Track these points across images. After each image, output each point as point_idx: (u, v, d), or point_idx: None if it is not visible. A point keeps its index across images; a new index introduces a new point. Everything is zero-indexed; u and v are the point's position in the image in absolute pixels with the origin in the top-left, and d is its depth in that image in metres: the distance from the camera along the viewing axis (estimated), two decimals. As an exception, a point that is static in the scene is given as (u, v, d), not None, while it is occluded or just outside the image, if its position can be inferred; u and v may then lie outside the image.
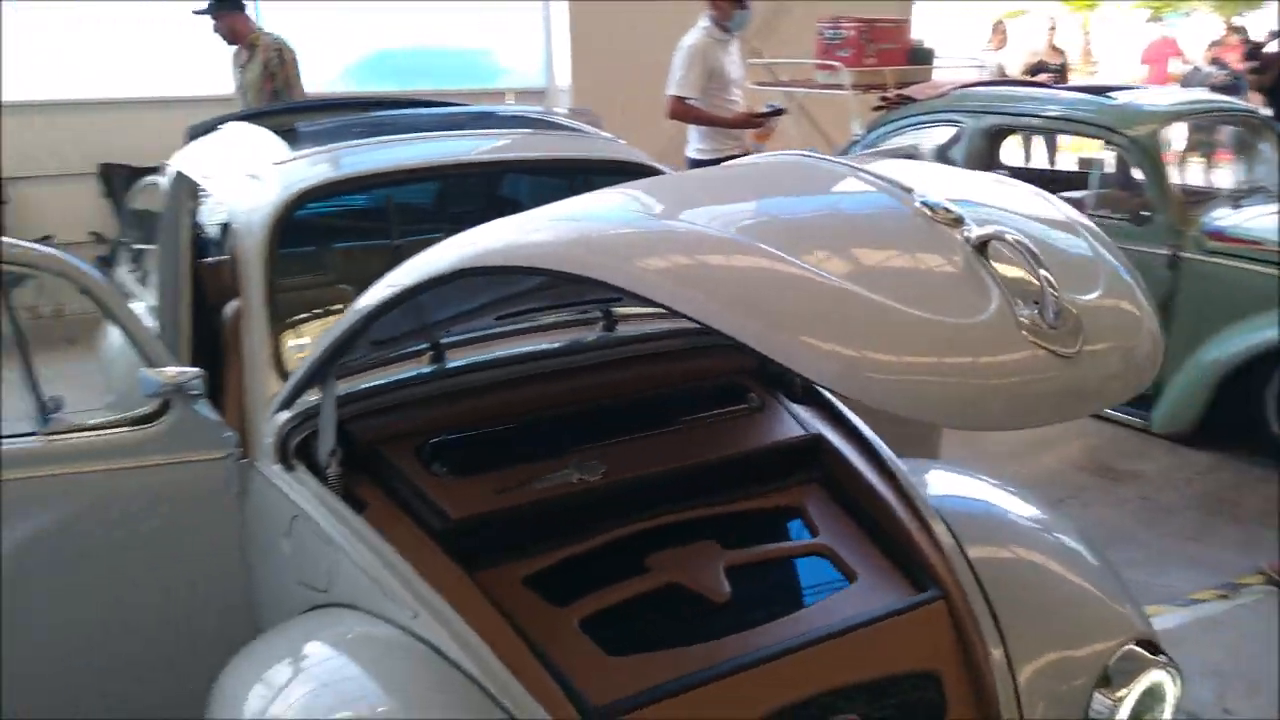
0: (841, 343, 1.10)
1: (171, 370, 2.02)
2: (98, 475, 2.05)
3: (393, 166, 2.45)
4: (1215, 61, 10.73)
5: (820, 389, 2.29)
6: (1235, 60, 10.40)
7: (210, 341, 2.52)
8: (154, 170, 4.18)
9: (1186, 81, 10.72)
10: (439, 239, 1.53)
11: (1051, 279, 1.10)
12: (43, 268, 2.08)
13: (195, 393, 2.04)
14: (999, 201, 1.36)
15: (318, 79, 7.20)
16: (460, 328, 2.14)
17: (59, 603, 2.06)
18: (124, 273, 3.69)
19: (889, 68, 6.49)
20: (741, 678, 1.60)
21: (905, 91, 5.79)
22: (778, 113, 5.44)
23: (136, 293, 3.35)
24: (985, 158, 5.13)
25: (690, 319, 1.17)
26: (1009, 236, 1.14)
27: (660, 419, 2.12)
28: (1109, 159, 5.16)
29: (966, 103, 5.25)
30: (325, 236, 2.96)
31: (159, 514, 2.08)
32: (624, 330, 2.35)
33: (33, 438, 2.04)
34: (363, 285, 1.68)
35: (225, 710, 1.64)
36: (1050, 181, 5.33)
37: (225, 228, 3.49)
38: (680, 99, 5.09)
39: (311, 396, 2.00)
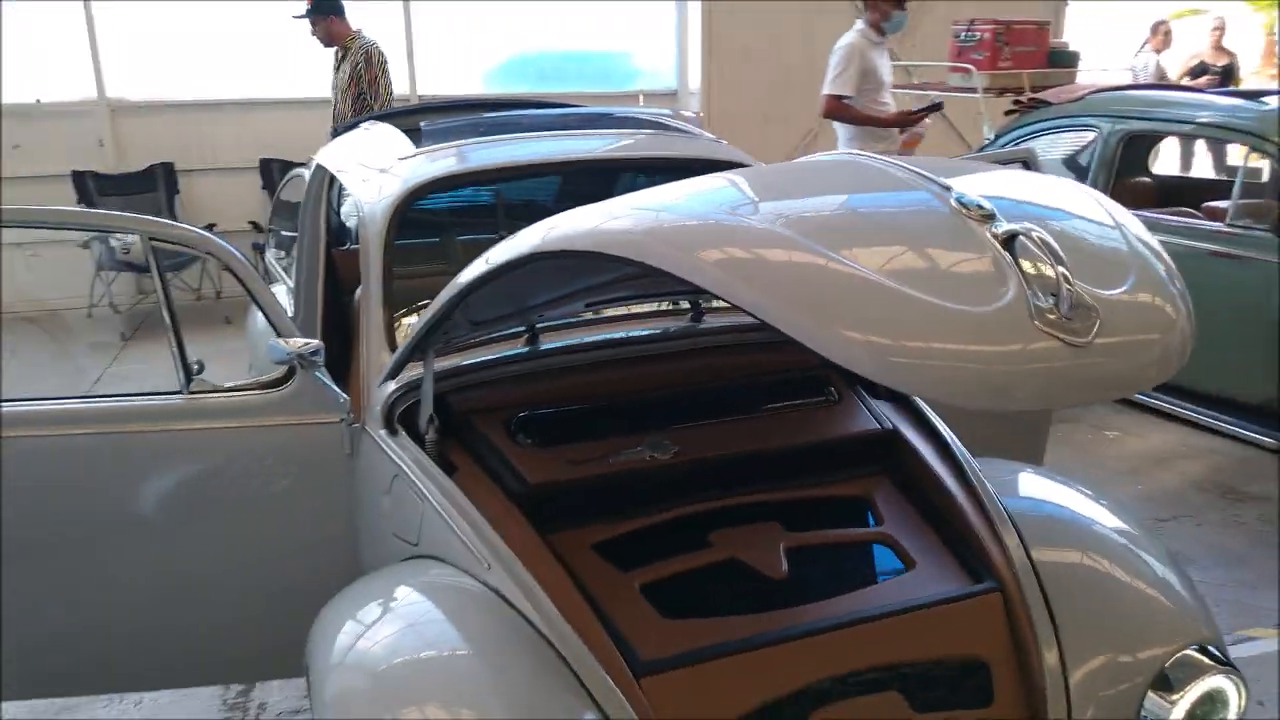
0: (874, 333, 1.18)
1: (297, 341, 2.24)
2: (230, 432, 2.29)
3: (505, 163, 2.63)
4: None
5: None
6: None
7: (342, 322, 2.77)
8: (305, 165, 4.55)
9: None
10: None
11: (1068, 273, 1.15)
12: (193, 246, 2.33)
13: (316, 362, 2.25)
14: (1040, 199, 1.41)
15: (461, 82, 7.59)
16: (555, 313, 2.29)
17: (193, 545, 2.31)
18: (272, 258, 4.01)
19: (1026, 70, 6.34)
20: (787, 647, 1.68)
21: (1039, 95, 5.67)
22: (935, 108, 5.48)
23: (281, 277, 3.65)
24: (1120, 163, 4.98)
25: (743, 310, 1.27)
26: (1034, 233, 1.19)
27: (737, 407, 2.22)
28: (1264, 168, 4.94)
29: (1101, 107, 5.10)
30: (443, 228, 3.18)
31: (281, 469, 2.31)
32: (710, 322, 2.46)
33: (177, 396, 2.30)
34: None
35: (322, 644, 1.83)
36: (1192, 190, 5.16)
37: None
38: (837, 98, 5.20)
39: (416, 370, 2.18)
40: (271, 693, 2.73)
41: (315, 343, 2.26)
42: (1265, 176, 4.93)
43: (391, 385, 2.23)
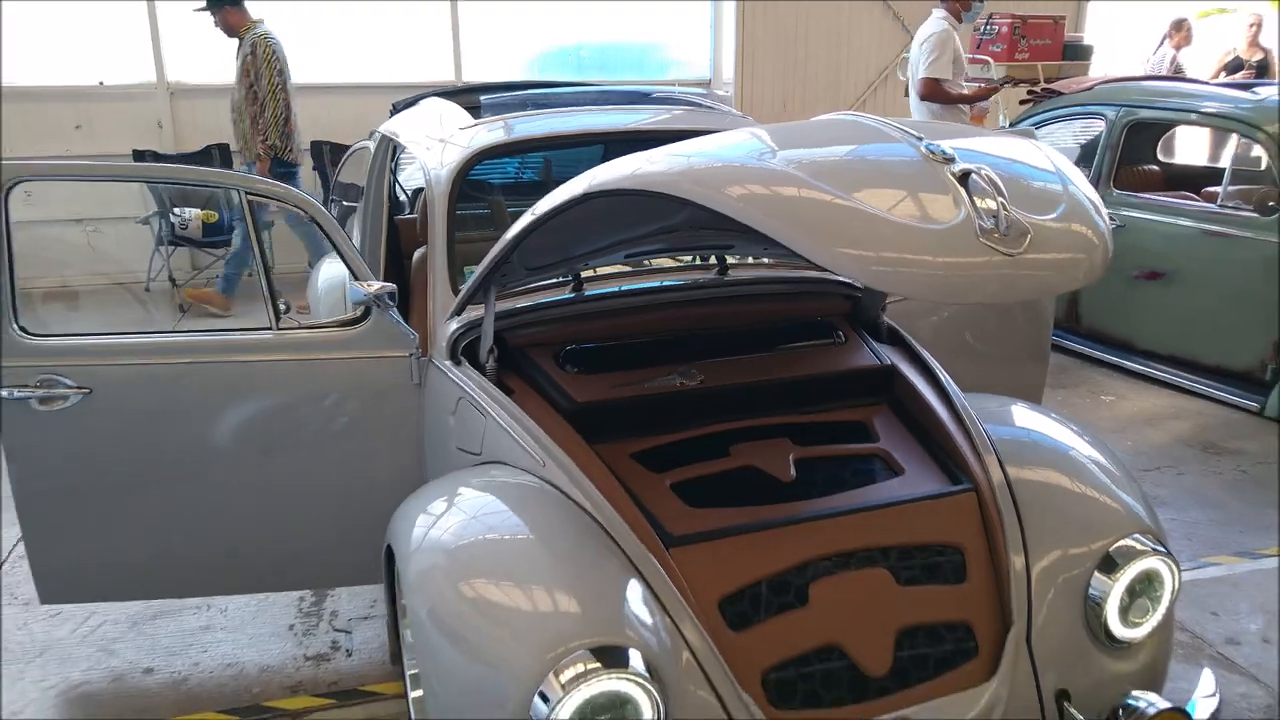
0: (861, 249, 1.51)
1: (374, 284, 2.60)
2: (313, 363, 2.65)
3: (554, 133, 2.99)
4: None
5: (900, 331, 2.68)
6: None
7: (400, 280, 3.13)
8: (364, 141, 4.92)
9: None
10: None
11: (1006, 202, 1.48)
12: (284, 199, 2.69)
13: (390, 303, 2.61)
14: (994, 151, 1.72)
15: (504, 72, 7.94)
16: (597, 262, 2.63)
17: (278, 463, 2.67)
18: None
19: (1041, 62, 6.62)
20: (791, 530, 2.02)
21: (1052, 85, 5.95)
22: (1005, 81, 6.03)
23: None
24: (1124, 148, 5.26)
25: (760, 233, 1.59)
26: (983, 172, 1.52)
27: (755, 345, 2.56)
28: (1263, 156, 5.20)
29: (1108, 97, 5.39)
30: (493, 201, 3.54)
31: (357, 396, 2.66)
32: (735, 274, 2.81)
33: (268, 331, 2.66)
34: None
35: (400, 534, 2.17)
36: (1200, 177, 5.43)
37: (415, 192, 4.17)
38: (935, 81, 5.69)
39: (475, 313, 2.54)
40: (341, 601, 3.10)
41: (390, 285, 2.62)
42: (1264, 164, 5.18)
43: (454, 324, 2.59)
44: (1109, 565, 2.05)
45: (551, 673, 1.70)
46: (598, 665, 1.69)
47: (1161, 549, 2.07)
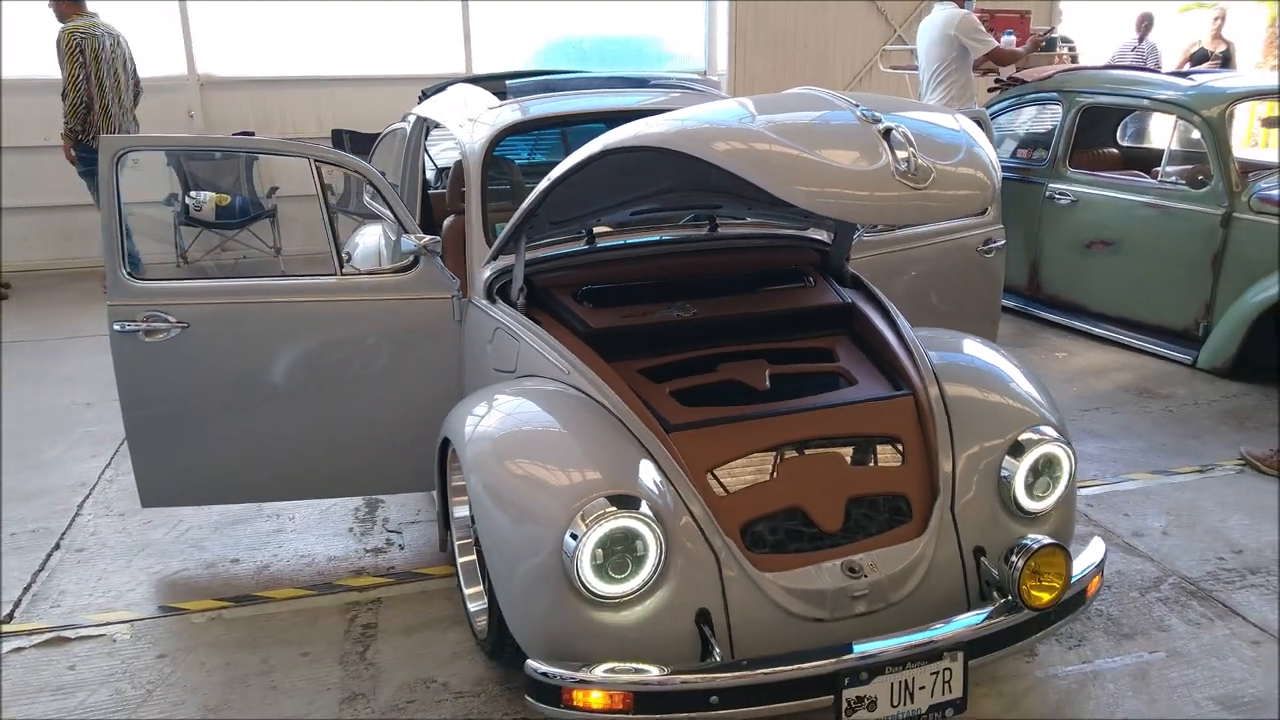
0: (809, 185, 2.05)
1: (424, 237, 3.14)
2: (372, 304, 3.18)
3: (572, 111, 3.54)
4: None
5: (861, 278, 3.22)
6: None
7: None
8: (375, 136, 5.44)
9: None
10: None
11: (916, 151, 2.02)
12: (346, 166, 3.23)
13: (436, 252, 3.15)
14: (916, 115, 2.25)
15: (511, 63, 8.46)
16: (608, 219, 3.17)
17: (343, 388, 3.19)
18: (368, 200, 4.90)
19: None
20: (765, 421, 2.56)
21: (1017, 75, 6.49)
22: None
23: (379, 212, 4.55)
24: (1078, 131, 5.80)
25: (742, 195, 2.09)
26: (901, 129, 2.06)
27: (739, 287, 3.11)
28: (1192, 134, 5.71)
29: (1065, 85, 5.93)
30: (514, 179, 4.06)
31: (411, 331, 3.20)
32: (723, 231, 3.36)
33: (332, 277, 3.19)
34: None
35: (456, 429, 2.70)
36: (1150, 159, 5.96)
37: (441, 171, 4.71)
38: (997, 48, 6.41)
39: (506, 261, 3.07)
40: (390, 510, 3.64)
41: (436, 237, 3.16)
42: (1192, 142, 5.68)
43: (488, 271, 3.13)
44: (1017, 450, 2.58)
45: (578, 516, 2.23)
46: (614, 508, 2.23)
47: (1060, 439, 2.61)
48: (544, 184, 2.66)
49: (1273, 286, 4.61)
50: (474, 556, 2.89)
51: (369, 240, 4.92)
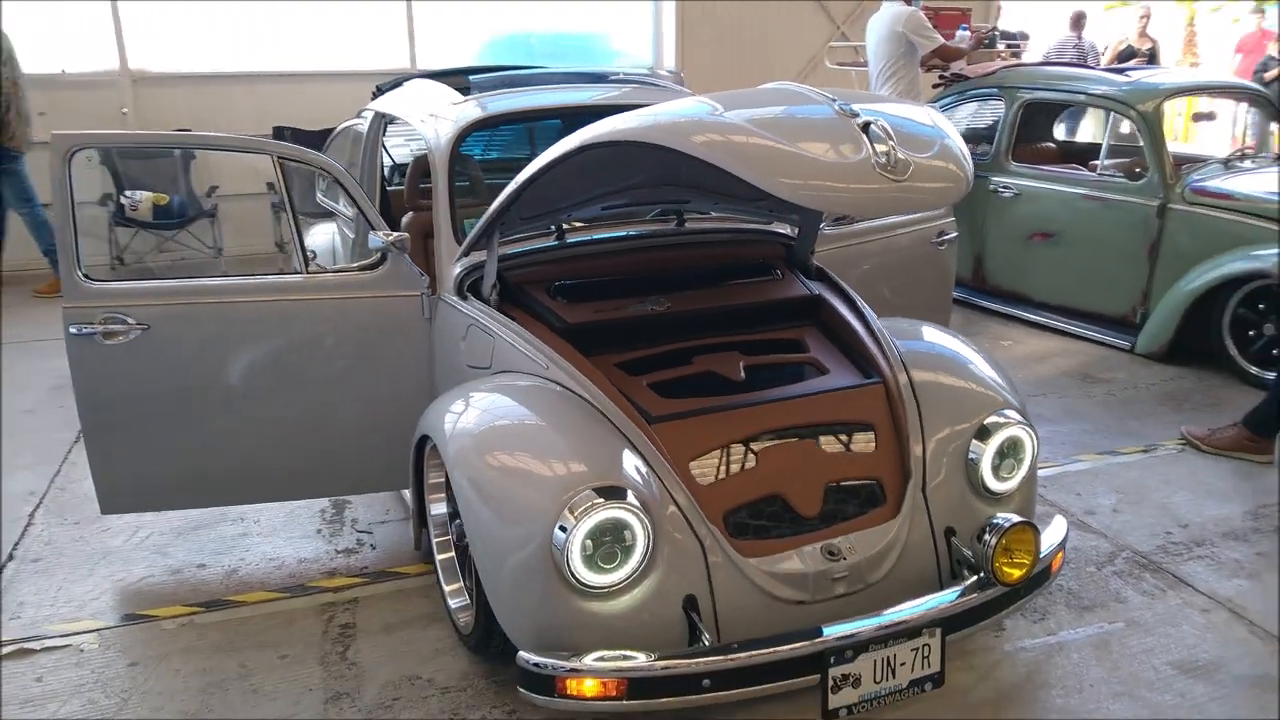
0: (792, 178, 2.09)
1: (391, 234, 3.11)
2: (338, 302, 3.15)
3: (539, 106, 3.55)
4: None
5: (826, 270, 3.29)
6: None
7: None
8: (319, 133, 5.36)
9: (1263, 67, 11.18)
10: None
11: (895, 145, 2.07)
12: (310, 163, 3.18)
13: (404, 249, 3.13)
14: (891, 111, 2.31)
15: (456, 59, 8.40)
16: (579, 214, 3.18)
17: (308, 387, 3.16)
18: (321, 197, 4.85)
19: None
20: (741, 411, 2.60)
21: (960, 71, 6.64)
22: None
23: (335, 209, 4.51)
24: (1020, 126, 5.96)
25: (710, 189, 2.11)
26: (879, 123, 2.11)
27: (710, 280, 3.14)
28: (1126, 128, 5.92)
29: (1007, 81, 6.10)
30: (474, 177, 4.06)
31: (377, 329, 3.17)
32: (690, 226, 3.39)
33: (299, 275, 3.16)
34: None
35: (435, 426, 2.68)
36: (1084, 152, 6.15)
37: (395, 168, 4.68)
38: (943, 44, 6.54)
39: (476, 257, 3.07)
40: (358, 510, 3.60)
41: (404, 235, 3.14)
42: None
43: (458, 267, 3.13)
44: (983, 434, 2.67)
45: (566, 509, 2.25)
46: (600, 500, 2.25)
47: (1023, 421, 2.70)
48: (519, 179, 2.66)
49: (1207, 274, 4.80)
50: (453, 553, 2.89)
51: (320, 239, 4.86)
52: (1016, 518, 2.47)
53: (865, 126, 2.12)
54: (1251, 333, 4.77)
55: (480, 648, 2.66)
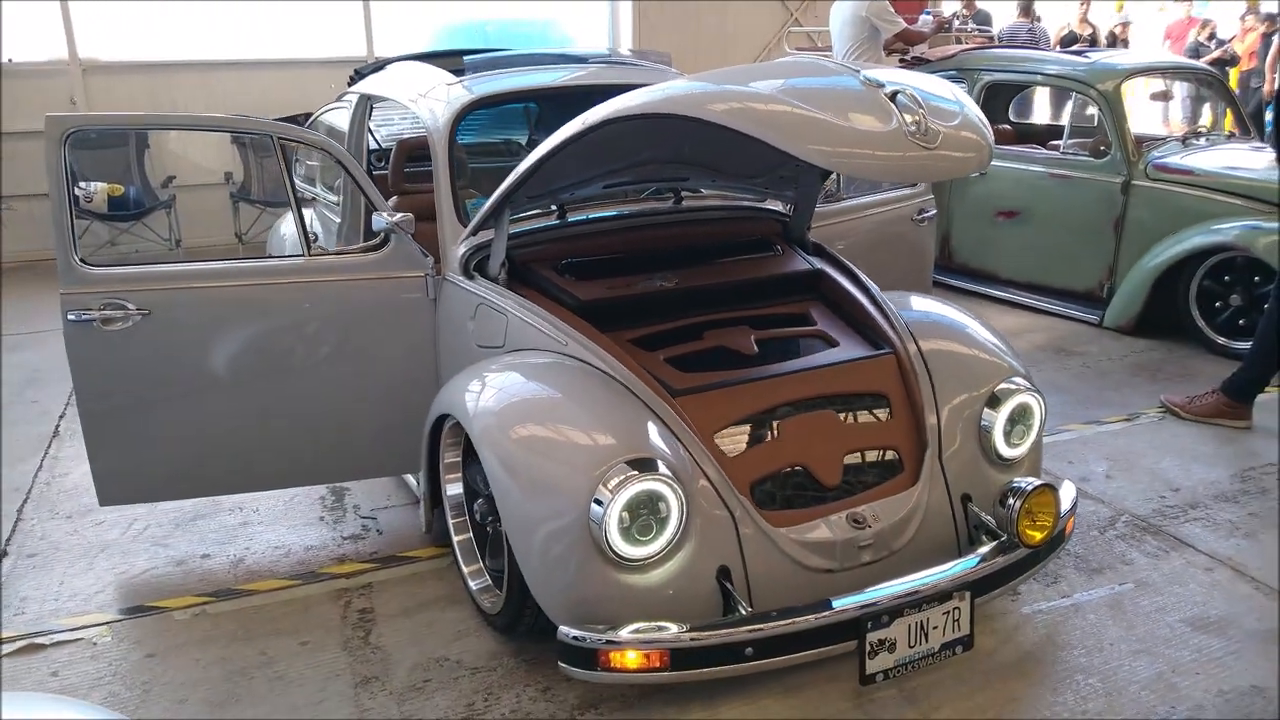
0: (824, 144, 2.11)
1: (396, 215, 3.08)
2: (341, 284, 3.11)
3: (540, 86, 3.54)
4: (1212, 36, 11.83)
5: (824, 245, 3.33)
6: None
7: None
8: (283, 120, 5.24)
9: (1193, 53, 11.56)
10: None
11: (925, 113, 2.11)
12: (312, 145, 3.14)
13: (408, 230, 3.09)
14: (916, 83, 2.35)
15: (414, 45, 8.30)
16: (582, 192, 3.18)
17: (313, 369, 3.11)
18: (301, 183, 4.76)
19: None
20: (759, 384, 2.63)
21: (921, 54, 6.74)
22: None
23: (318, 195, 4.43)
24: (984, 108, 6.06)
25: (709, 166, 2.10)
26: (907, 91, 2.15)
27: (714, 256, 3.16)
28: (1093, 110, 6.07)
29: (969, 63, 6.21)
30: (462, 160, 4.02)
31: (382, 311, 3.14)
32: (689, 203, 3.41)
33: (301, 257, 3.11)
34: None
35: (457, 404, 2.65)
36: (1038, 133, 6.29)
37: (379, 152, 4.62)
38: (905, 29, 6.62)
39: (482, 237, 3.05)
40: (358, 497, 3.56)
41: (408, 215, 3.11)
42: (1097, 119, 6.04)
43: (463, 247, 3.11)
44: (994, 401, 2.73)
45: (601, 483, 2.26)
46: (635, 472, 2.26)
47: (1031, 387, 2.76)
48: (534, 156, 2.66)
49: (1172, 248, 4.95)
50: (470, 534, 2.88)
51: (291, 228, 4.77)
52: (1037, 480, 2.53)
53: (893, 96, 2.15)
54: (1218, 304, 4.93)
55: (509, 628, 2.65)
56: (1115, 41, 11.52)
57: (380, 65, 4.23)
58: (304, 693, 2.50)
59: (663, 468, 2.30)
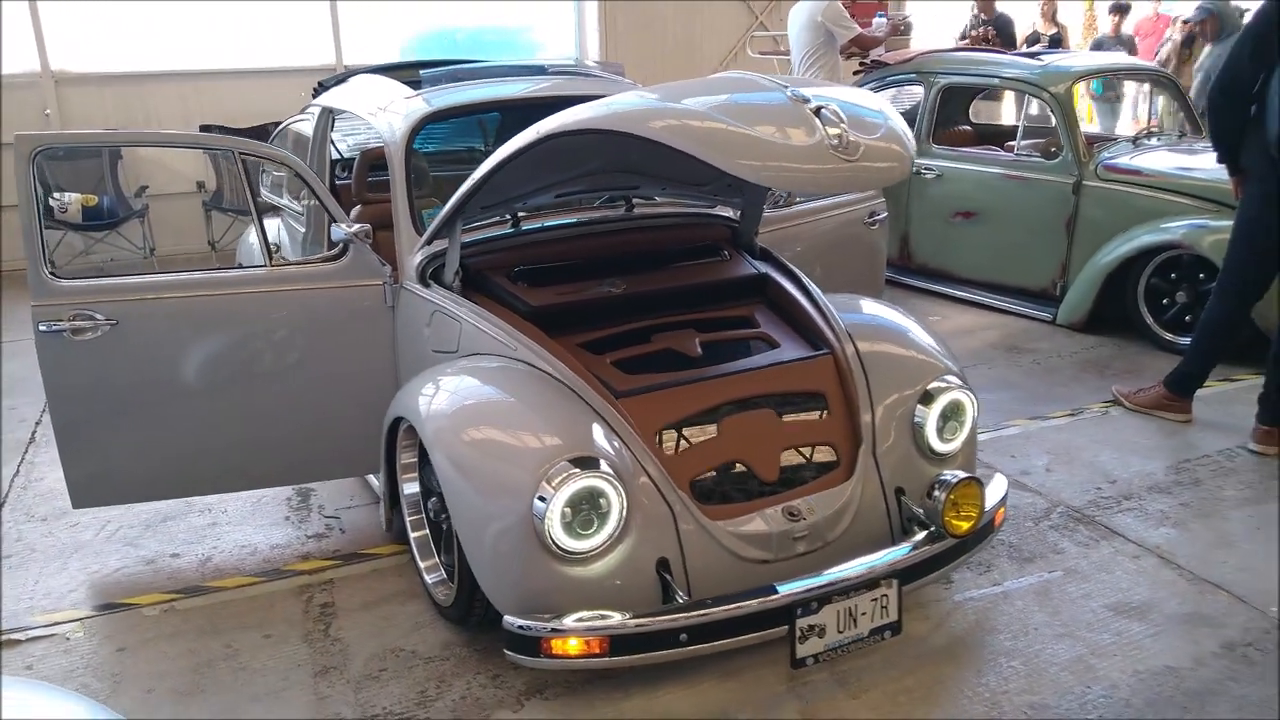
0: (752, 159, 2.24)
1: (354, 225, 3.20)
2: (303, 293, 3.22)
3: (495, 99, 3.67)
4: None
5: (770, 250, 3.46)
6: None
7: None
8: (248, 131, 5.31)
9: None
10: None
11: (846, 127, 2.24)
12: (273, 159, 3.25)
13: (366, 240, 3.21)
14: (838, 95, 2.48)
15: (382, 54, 8.40)
16: (534, 202, 3.30)
17: (275, 376, 3.22)
18: (267, 194, 4.87)
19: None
20: (701, 385, 2.76)
21: (880, 57, 6.89)
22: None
23: (283, 205, 4.54)
24: (940, 109, 6.23)
25: (659, 175, 2.21)
26: (830, 107, 2.28)
27: (661, 262, 3.30)
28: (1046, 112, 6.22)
29: (926, 66, 6.36)
30: (422, 169, 4.14)
31: (341, 319, 3.25)
32: (639, 211, 3.54)
33: (263, 268, 3.22)
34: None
35: (410, 407, 2.77)
36: (998, 134, 6.44)
37: (343, 161, 4.72)
38: (860, 34, 6.77)
39: (437, 246, 3.17)
40: (323, 497, 3.68)
41: (365, 225, 3.22)
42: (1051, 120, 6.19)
43: (419, 256, 3.23)
44: (927, 399, 2.86)
45: (544, 480, 2.38)
46: (576, 470, 2.39)
47: (963, 385, 2.90)
48: (484, 169, 2.78)
49: (1120, 247, 5.12)
50: (426, 531, 3.00)
51: (252, 238, 4.88)
52: (962, 474, 2.67)
53: (817, 111, 2.28)
54: (1165, 301, 5.10)
55: (461, 619, 2.77)
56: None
57: (343, 78, 4.35)
58: (266, 682, 2.62)
59: (604, 465, 2.43)
